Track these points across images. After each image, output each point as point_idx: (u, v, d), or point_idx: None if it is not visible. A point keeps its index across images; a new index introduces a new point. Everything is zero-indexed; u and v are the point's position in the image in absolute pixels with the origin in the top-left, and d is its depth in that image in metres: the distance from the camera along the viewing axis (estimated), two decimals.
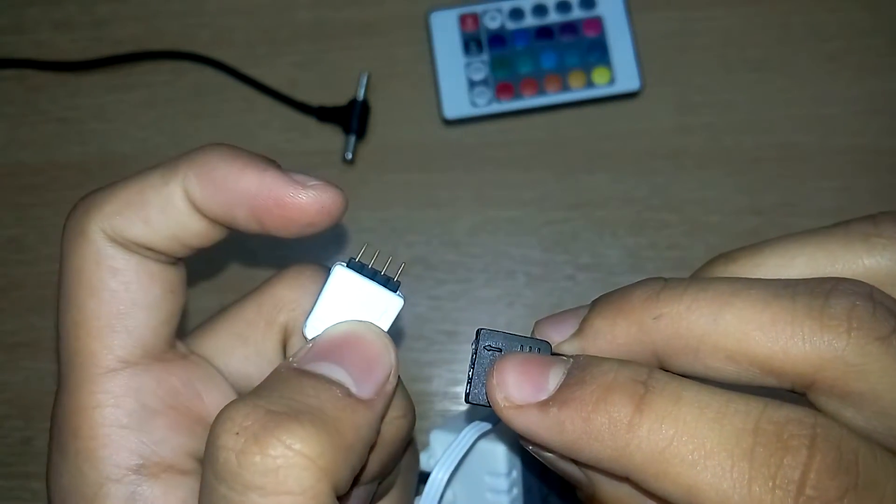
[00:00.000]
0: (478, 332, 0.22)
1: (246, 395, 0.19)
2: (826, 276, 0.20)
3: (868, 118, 0.45)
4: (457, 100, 0.46)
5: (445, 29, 0.47)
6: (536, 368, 0.20)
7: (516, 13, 0.47)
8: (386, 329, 0.23)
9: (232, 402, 0.19)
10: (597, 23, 0.46)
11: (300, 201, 0.22)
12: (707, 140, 0.46)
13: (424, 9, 0.47)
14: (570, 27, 0.47)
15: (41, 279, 0.46)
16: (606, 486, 0.20)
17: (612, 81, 0.46)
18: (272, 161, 0.23)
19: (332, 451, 0.18)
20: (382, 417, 0.21)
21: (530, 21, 0.47)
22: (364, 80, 0.46)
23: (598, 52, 0.46)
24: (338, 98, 0.47)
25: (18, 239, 0.46)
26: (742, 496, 0.17)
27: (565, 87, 0.46)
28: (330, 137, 0.46)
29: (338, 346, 0.21)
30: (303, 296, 0.25)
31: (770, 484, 0.17)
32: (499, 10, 0.47)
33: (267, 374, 0.22)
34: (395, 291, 0.23)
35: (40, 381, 0.44)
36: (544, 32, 0.47)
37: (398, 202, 0.46)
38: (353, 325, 0.22)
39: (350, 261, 0.23)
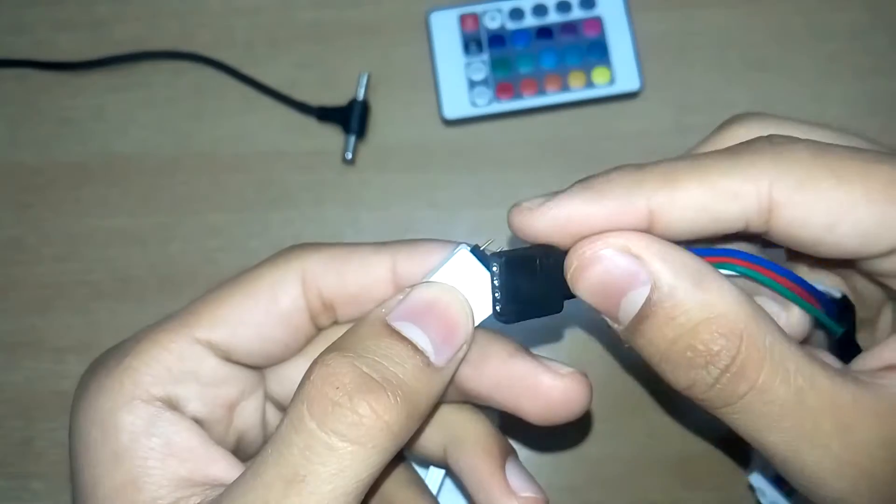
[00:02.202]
0: (491, 255, 0.24)
1: (343, 347, 0.22)
2: None
3: (868, 118, 0.45)
4: (457, 100, 0.46)
5: (445, 29, 0.47)
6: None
7: (516, 13, 0.47)
8: (479, 317, 0.24)
9: (333, 355, 0.21)
10: (597, 23, 0.46)
11: (557, 391, 0.25)
12: None
13: (424, 9, 0.47)
14: (570, 27, 0.47)
15: (41, 279, 0.46)
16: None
17: (612, 81, 0.46)
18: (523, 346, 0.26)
19: (407, 419, 0.21)
20: (449, 384, 0.24)
21: (530, 21, 0.47)
22: (364, 80, 0.46)
23: (598, 52, 0.46)
24: (338, 98, 0.47)
25: (18, 239, 0.46)
26: None
27: (565, 87, 0.46)
28: (330, 137, 0.46)
29: (427, 308, 0.23)
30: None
31: None
32: (499, 10, 0.47)
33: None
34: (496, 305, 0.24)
35: (40, 381, 0.44)
36: (544, 32, 0.47)
37: (398, 202, 0.46)
38: (443, 291, 0.24)
39: (475, 247, 0.25)
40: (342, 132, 0.46)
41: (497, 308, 0.24)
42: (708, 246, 0.25)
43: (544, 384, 0.25)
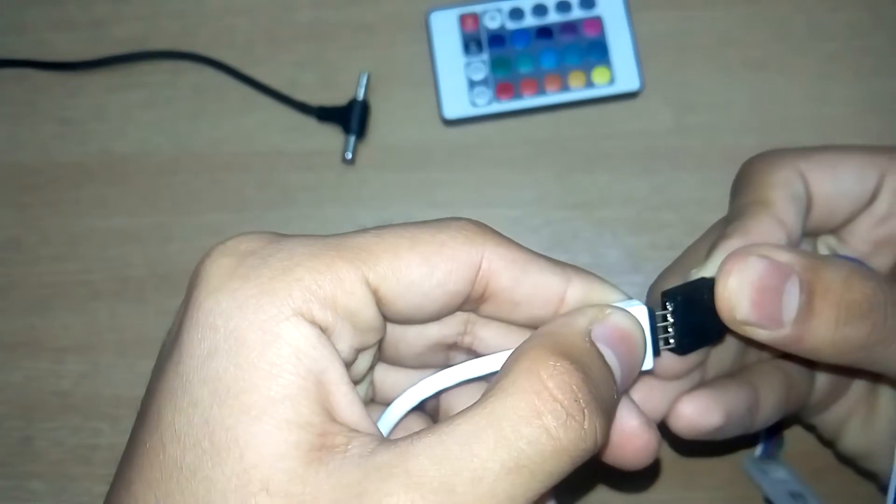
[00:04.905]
0: (662, 294, 0.26)
1: (568, 355, 0.21)
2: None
3: (868, 118, 0.45)
4: (457, 100, 0.46)
5: (445, 29, 0.47)
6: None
7: (516, 13, 0.47)
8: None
9: (565, 363, 0.21)
10: (597, 23, 0.46)
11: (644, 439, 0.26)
12: (707, 140, 0.46)
13: (424, 9, 0.47)
14: (570, 27, 0.47)
15: (41, 279, 0.46)
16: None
17: (612, 81, 0.46)
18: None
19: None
20: None
21: (530, 21, 0.47)
22: (364, 80, 0.46)
23: (598, 52, 0.46)
24: (338, 98, 0.47)
25: (18, 239, 0.46)
26: None
27: (565, 87, 0.46)
28: (330, 137, 0.46)
29: (623, 337, 0.24)
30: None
31: None
32: (499, 10, 0.47)
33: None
34: (654, 355, 0.26)
35: (39, 381, 0.44)
36: (544, 32, 0.47)
37: (398, 202, 0.46)
38: (636, 327, 0.25)
39: (652, 310, 0.26)
40: (342, 132, 0.46)
41: (672, 342, 0.26)
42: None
43: (632, 426, 0.25)
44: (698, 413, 0.29)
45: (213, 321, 0.21)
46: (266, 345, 0.21)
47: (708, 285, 0.27)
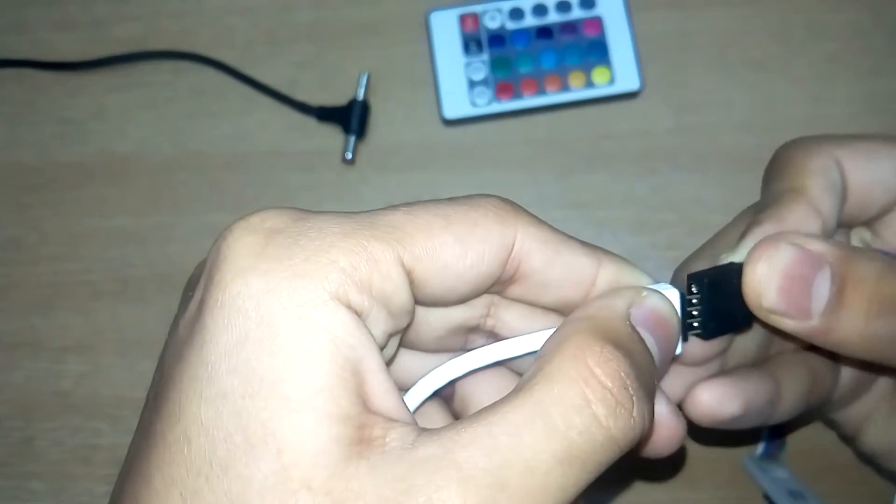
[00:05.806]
0: (688, 277, 0.26)
1: (613, 340, 0.21)
2: None
3: (868, 118, 0.45)
4: (457, 100, 0.46)
5: (445, 29, 0.47)
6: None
7: (516, 13, 0.47)
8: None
9: (611, 348, 0.20)
10: (597, 23, 0.46)
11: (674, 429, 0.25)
12: (707, 140, 0.46)
13: (424, 9, 0.47)
14: (570, 27, 0.47)
15: (40, 279, 0.46)
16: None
17: (612, 81, 0.46)
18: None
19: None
20: None
21: (530, 21, 0.47)
22: (364, 80, 0.46)
23: (598, 52, 0.46)
24: (338, 98, 0.47)
25: (18, 239, 0.46)
26: None
27: (565, 87, 0.46)
28: (330, 137, 0.46)
29: (660, 320, 0.23)
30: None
31: None
32: (499, 10, 0.47)
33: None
34: (683, 340, 0.25)
35: (40, 381, 0.44)
36: (544, 32, 0.47)
37: (398, 202, 0.46)
38: (672, 311, 0.24)
39: (682, 295, 0.25)
40: (342, 132, 0.46)
41: (695, 324, 0.26)
42: None
43: (660, 412, 0.24)
44: (716, 400, 0.28)
45: (242, 305, 0.19)
46: (301, 332, 0.19)
47: (737, 270, 0.26)
